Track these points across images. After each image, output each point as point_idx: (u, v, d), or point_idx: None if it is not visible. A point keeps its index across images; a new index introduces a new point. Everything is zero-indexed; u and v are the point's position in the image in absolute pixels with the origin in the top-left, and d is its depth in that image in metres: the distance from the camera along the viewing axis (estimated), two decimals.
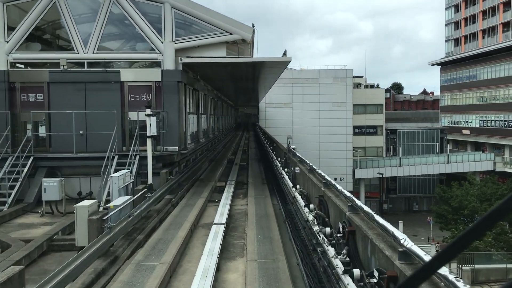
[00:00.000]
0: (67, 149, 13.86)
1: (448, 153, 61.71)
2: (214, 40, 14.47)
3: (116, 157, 13.48)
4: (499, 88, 61.77)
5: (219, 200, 12.83)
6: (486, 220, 0.80)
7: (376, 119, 65.08)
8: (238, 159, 22.60)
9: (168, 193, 13.13)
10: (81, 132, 14.05)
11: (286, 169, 13.24)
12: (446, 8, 75.80)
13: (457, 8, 73.16)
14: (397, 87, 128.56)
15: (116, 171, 13.10)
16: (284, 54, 14.11)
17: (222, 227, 9.18)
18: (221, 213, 10.71)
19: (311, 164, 10.57)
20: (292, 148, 14.58)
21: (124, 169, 12.84)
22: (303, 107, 59.82)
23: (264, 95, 43.09)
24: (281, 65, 14.87)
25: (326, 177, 9.03)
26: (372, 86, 73.81)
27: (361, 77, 70.71)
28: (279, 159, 15.82)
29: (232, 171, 18.29)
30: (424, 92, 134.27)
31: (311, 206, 8.20)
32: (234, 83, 23.26)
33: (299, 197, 9.43)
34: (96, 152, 13.54)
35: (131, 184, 11.16)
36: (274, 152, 18.32)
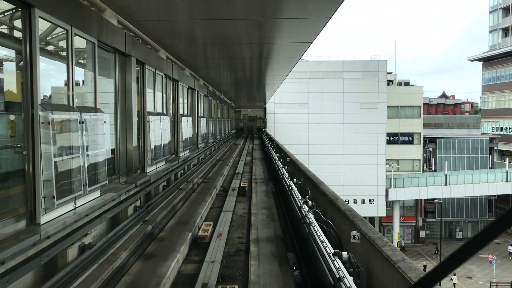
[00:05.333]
0: None
1: (507, 168, 46.35)
2: None
3: None
4: None
5: None
6: (491, 229, 0.75)
7: (412, 125, 49.84)
8: (222, 240, 7.62)
9: None
10: None
11: None
12: None
13: None
14: None
15: None
16: None
17: None
18: None
19: None
20: None
21: None
22: (323, 108, 44.76)
23: (278, 86, 28.20)
24: None
25: None
26: (406, 84, 58.54)
27: (390, 73, 55.52)
28: None
29: None
30: (444, 95, 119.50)
31: None
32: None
33: None
34: None
35: None
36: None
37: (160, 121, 9.03)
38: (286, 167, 11.41)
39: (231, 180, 15.15)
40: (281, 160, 13.24)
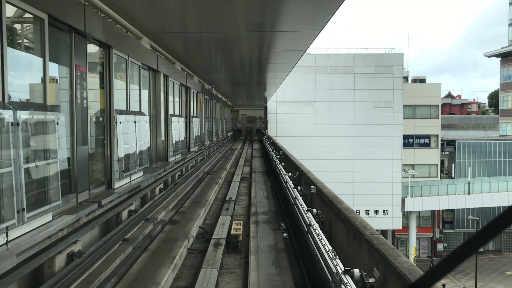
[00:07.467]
0: None
1: None
2: None
3: None
4: None
5: None
6: (488, 229, 0.74)
7: (430, 126, 44.34)
8: None
9: None
10: None
11: None
12: None
13: None
14: None
15: None
16: None
17: None
18: None
19: None
20: None
21: None
22: (331, 107, 39.21)
23: (279, 83, 22.69)
24: None
25: None
26: (422, 81, 52.96)
27: (403, 69, 49.96)
28: None
29: None
30: (450, 95, 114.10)
31: None
32: None
33: None
34: None
35: None
36: None
37: (27, 124, 3.49)
38: (314, 210, 5.87)
39: (218, 214, 9.62)
40: (300, 188, 7.70)
